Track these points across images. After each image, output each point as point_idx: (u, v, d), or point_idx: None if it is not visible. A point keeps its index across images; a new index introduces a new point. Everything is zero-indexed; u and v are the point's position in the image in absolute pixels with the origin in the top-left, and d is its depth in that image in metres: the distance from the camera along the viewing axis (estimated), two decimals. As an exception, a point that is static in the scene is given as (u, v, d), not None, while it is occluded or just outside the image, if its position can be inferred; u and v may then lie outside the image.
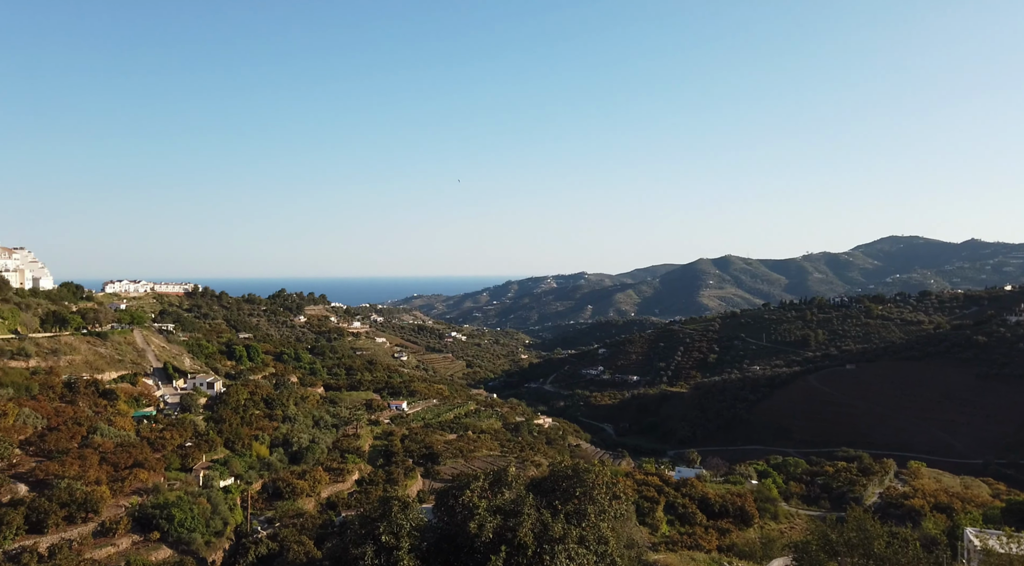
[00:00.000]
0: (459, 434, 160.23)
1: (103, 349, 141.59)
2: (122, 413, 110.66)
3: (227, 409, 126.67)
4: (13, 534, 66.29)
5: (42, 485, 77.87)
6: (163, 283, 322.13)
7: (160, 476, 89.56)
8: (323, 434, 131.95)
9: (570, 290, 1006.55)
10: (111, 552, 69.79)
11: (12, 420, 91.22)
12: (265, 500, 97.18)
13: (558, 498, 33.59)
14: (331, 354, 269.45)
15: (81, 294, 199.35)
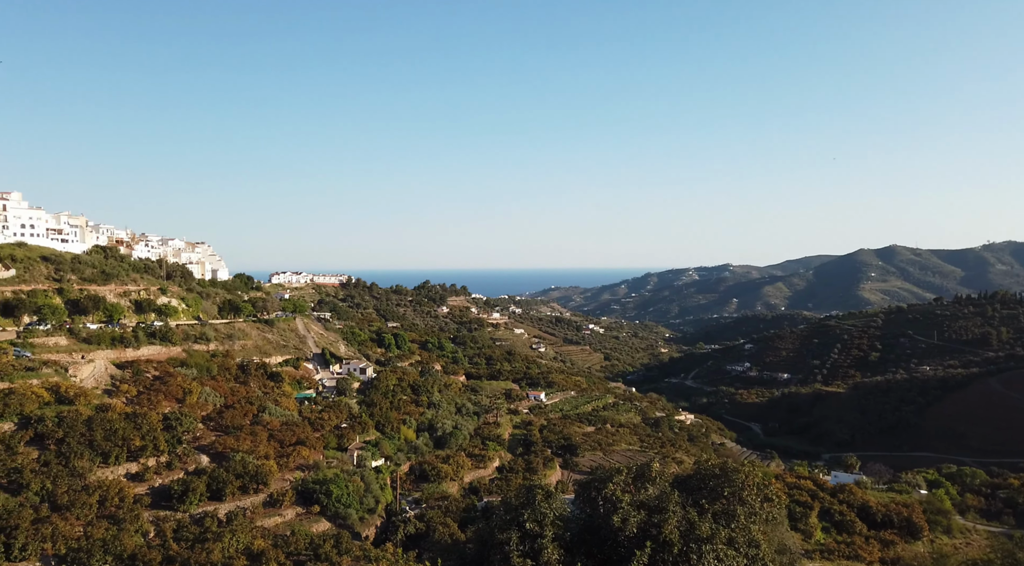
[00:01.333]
0: (597, 427, 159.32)
1: (270, 335, 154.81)
2: (287, 394, 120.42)
3: (378, 394, 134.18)
4: (197, 500, 74.10)
5: (220, 457, 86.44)
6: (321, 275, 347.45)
7: (319, 454, 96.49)
8: (465, 421, 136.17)
9: (713, 283, 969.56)
10: (278, 521, 76.10)
11: (196, 397, 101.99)
12: (412, 482, 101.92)
13: (704, 497, 32.13)
14: (472, 344, 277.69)
15: (251, 284, 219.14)
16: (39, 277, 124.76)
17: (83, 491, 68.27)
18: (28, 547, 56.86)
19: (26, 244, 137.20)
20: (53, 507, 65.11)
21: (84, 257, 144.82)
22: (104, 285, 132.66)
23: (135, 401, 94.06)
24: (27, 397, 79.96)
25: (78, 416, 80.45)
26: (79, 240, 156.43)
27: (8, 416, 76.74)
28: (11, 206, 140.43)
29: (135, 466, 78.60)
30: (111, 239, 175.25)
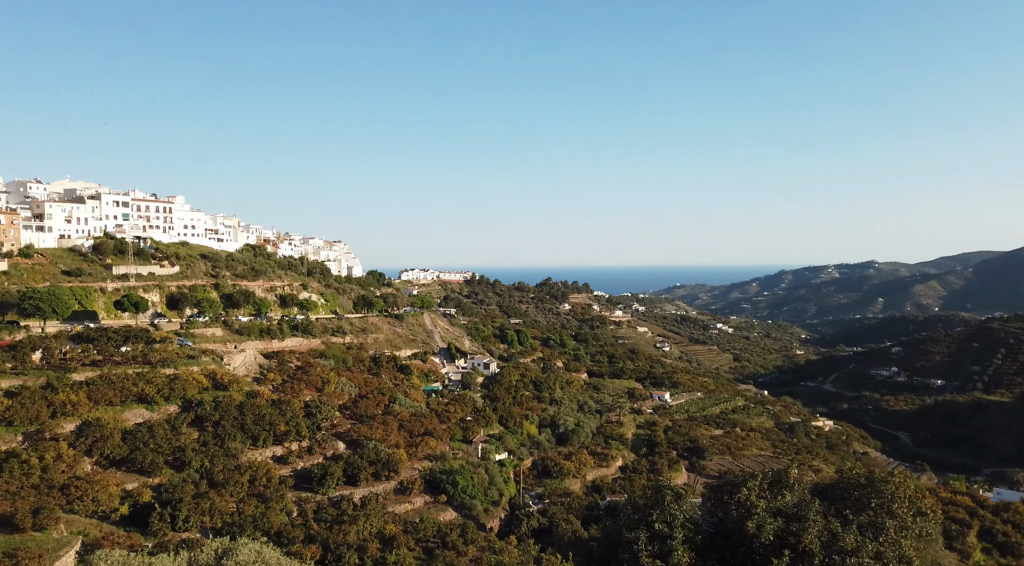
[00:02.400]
0: (726, 430, 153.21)
1: (400, 329, 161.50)
2: (415, 386, 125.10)
3: (501, 389, 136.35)
4: (335, 484, 78.52)
5: (355, 444, 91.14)
6: (446, 272, 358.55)
7: (446, 445, 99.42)
8: (587, 418, 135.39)
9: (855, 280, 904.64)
10: (408, 508, 79.13)
11: (334, 387, 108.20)
12: (535, 477, 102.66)
13: (848, 507, 29.85)
14: (594, 341, 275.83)
15: (383, 281, 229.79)
16: (199, 273, 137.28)
17: (236, 471, 74.25)
18: (190, 519, 62.54)
19: (188, 243, 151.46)
20: (211, 484, 71.27)
21: (236, 255, 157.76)
22: (253, 281, 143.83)
23: (280, 389, 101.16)
24: (189, 382, 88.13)
25: (231, 401, 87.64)
26: (232, 239, 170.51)
27: (173, 399, 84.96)
28: (176, 209, 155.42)
29: (280, 449, 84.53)
30: (259, 238, 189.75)
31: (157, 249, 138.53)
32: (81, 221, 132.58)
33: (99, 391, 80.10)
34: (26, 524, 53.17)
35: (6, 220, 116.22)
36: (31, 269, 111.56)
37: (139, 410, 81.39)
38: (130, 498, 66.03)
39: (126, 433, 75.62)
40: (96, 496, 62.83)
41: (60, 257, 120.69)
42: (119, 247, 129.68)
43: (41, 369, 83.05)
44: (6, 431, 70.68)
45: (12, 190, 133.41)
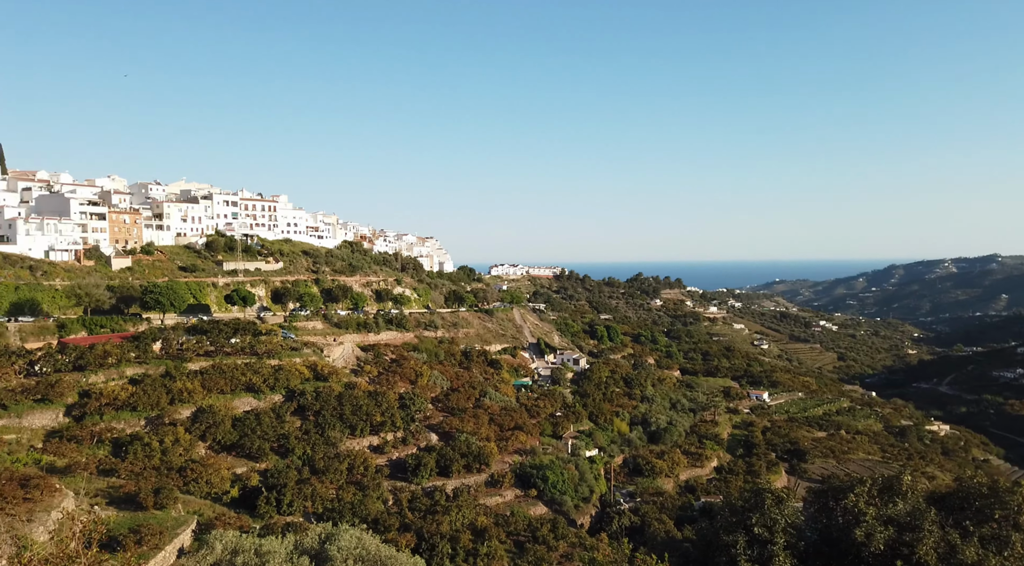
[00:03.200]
0: (829, 432, 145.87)
1: (490, 324, 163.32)
2: (505, 381, 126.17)
3: (591, 385, 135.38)
4: (428, 474, 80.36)
5: (447, 436, 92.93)
6: (535, 267, 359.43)
7: (536, 440, 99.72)
8: (680, 417, 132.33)
9: (976, 276, 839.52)
10: (499, 501, 79.93)
11: (426, 380, 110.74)
12: (626, 475, 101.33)
13: (968, 518, 27.67)
14: (687, 338, 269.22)
15: (473, 276, 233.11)
16: (301, 269, 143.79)
17: (335, 459, 77.31)
18: (294, 504, 65.61)
19: (291, 240, 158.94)
20: (312, 470, 74.53)
21: (335, 251, 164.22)
22: (351, 276, 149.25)
23: (376, 381, 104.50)
24: (292, 373, 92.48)
25: (331, 392, 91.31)
26: (331, 236, 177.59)
27: (278, 389, 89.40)
28: (279, 207, 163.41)
29: (376, 439, 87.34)
30: (356, 235, 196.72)
31: (263, 246, 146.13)
32: (195, 220, 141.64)
33: (211, 380, 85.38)
34: (148, 503, 57.34)
35: (130, 220, 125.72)
36: (152, 265, 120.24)
37: (247, 399, 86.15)
38: (239, 482, 70.02)
39: (236, 420, 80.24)
40: (209, 479, 66.98)
41: (177, 254, 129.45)
42: (229, 244, 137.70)
43: (161, 359, 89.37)
44: (131, 415, 76.54)
45: (135, 192, 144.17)
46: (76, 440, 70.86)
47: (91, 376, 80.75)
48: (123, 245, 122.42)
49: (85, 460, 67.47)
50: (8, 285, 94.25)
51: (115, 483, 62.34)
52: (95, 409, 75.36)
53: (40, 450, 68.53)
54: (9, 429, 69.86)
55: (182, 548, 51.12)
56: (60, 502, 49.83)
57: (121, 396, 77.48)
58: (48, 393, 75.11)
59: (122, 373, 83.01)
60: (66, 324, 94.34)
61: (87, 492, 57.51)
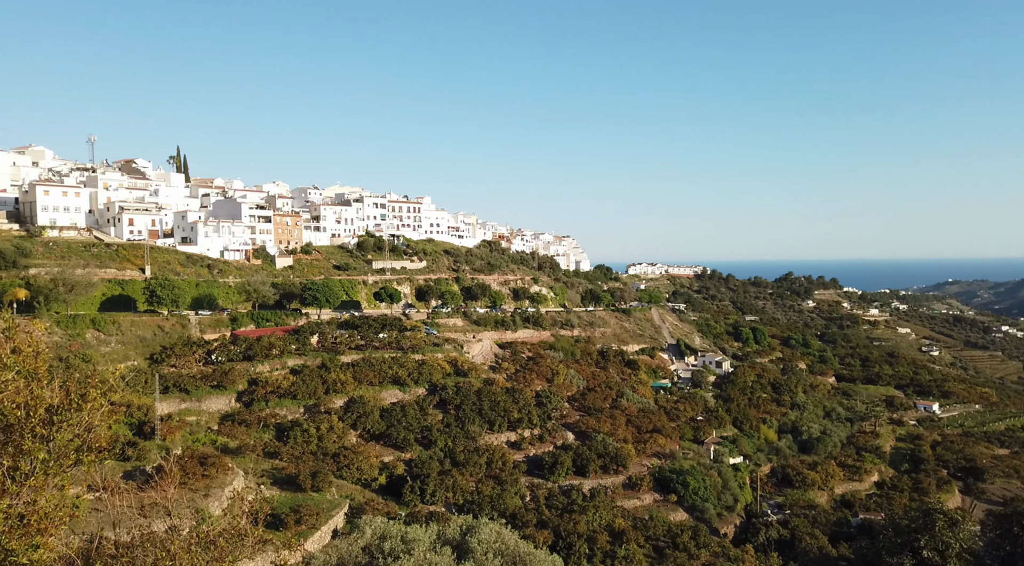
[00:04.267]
0: (1013, 450, 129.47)
1: (627, 324, 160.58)
2: (643, 382, 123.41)
3: (735, 389, 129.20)
4: (564, 473, 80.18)
5: (583, 436, 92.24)
6: (675, 266, 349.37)
7: (675, 444, 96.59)
8: (835, 427, 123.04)
9: None
10: (636, 504, 78.16)
11: (563, 378, 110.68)
12: (774, 485, 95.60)
13: None
14: (843, 342, 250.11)
15: (610, 275, 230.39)
16: (442, 267, 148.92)
17: (475, 452, 79.09)
18: (436, 494, 67.80)
19: (433, 240, 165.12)
20: (453, 463, 76.72)
21: (475, 250, 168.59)
22: (489, 275, 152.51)
23: (513, 378, 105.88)
24: (434, 368, 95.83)
25: (471, 387, 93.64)
26: (471, 236, 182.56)
27: (421, 382, 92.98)
28: (423, 209, 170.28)
29: (513, 435, 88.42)
30: (495, 234, 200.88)
31: (408, 245, 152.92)
32: (347, 221, 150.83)
33: (362, 372, 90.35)
34: (306, 485, 61.52)
35: (291, 222, 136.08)
36: (310, 264, 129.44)
37: (393, 391, 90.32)
38: (387, 469, 73.46)
39: (383, 411, 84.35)
40: (360, 465, 70.81)
41: (331, 253, 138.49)
42: (377, 244, 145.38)
43: (317, 351, 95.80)
44: (292, 403, 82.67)
45: (296, 196, 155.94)
46: (245, 424, 77.56)
47: (258, 365, 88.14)
48: (285, 245, 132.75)
49: (253, 442, 73.71)
50: (191, 282, 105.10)
51: (278, 465, 67.51)
52: (261, 396, 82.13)
53: (215, 432, 75.77)
54: (191, 412, 77.79)
55: (336, 529, 54.29)
56: (232, 480, 54.57)
57: (284, 385, 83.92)
58: (222, 380, 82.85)
59: (284, 364, 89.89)
60: (237, 317, 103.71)
61: (254, 472, 62.66)
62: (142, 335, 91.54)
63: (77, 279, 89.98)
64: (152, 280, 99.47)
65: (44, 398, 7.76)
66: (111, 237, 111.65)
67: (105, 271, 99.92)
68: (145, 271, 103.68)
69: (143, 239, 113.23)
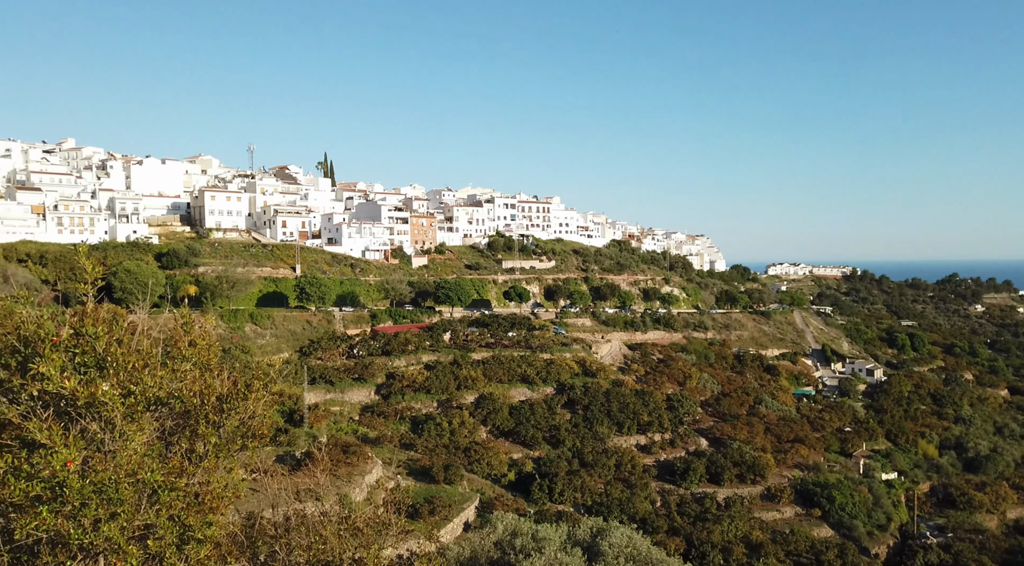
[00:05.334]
0: None
1: (766, 327, 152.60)
2: (783, 389, 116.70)
3: (888, 399, 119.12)
4: (697, 480, 77.41)
5: (717, 443, 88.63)
6: (821, 266, 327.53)
7: (820, 455, 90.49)
8: (1008, 444, 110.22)
9: None
10: (776, 517, 73.98)
11: (695, 382, 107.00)
12: (933, 505, 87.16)
13: None
14: (1018, 351, 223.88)
15: (747, 276, 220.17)
16: (571, 267, 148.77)
17: (603, 454, 78.25)
18: (564, 493, 67.71)
19: (562, 240, 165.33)
20: (581, 463, 76.28)
21: (604, 250, 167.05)
22: (618, 275, 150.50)
23: (643, 380, 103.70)
24: (562, 368, 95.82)
25: (599, 388, 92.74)
26: (600, 235, 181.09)
27: (549, 381, 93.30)
28: (552, 209, 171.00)
29: (643, 439, 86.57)
30: (624, 234, 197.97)
31: (537, 245, 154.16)
32: (479, 222, 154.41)
33: (491, 369, 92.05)
34: (439, 477, 63.47)
35: (426, 223, 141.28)
36: (443, 263, 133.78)
37: (522, 389, 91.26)
38: (515, 466, 74.36)
39: (512, 408, 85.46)
40: (490, 461, 72.14)
41: (463, 253, 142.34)
42: (507, 244, 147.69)
43: (450, 348, 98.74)
44: (426, 397, 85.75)
45: (431, 197, 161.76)
46: (383, 415, 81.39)
47: (395, 360, 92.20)
48: (421, 245, 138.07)
49: (390, 433, 77.21)
50: (336, 280, 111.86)
51: (413, 456, 70.22)
52: (398, 389, 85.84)
53: (356, 422, 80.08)
54: (335, 402, 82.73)
55: (467, 522, 55.57)
56: (371, 468, 57.34)
57: (418, 379, 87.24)
58: (363, 373, 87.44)
59: (419, 359, 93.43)
60: (376, 314, 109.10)
61: (391, 462, 65.57)
62: (292, 329, 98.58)
63: (238, 277, 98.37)
64: (301, 278, 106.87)
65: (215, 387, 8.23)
66: (266, 238, 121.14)
67: (261, 269, 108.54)
68: (295, 270, 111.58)
69: (294, 240, 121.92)
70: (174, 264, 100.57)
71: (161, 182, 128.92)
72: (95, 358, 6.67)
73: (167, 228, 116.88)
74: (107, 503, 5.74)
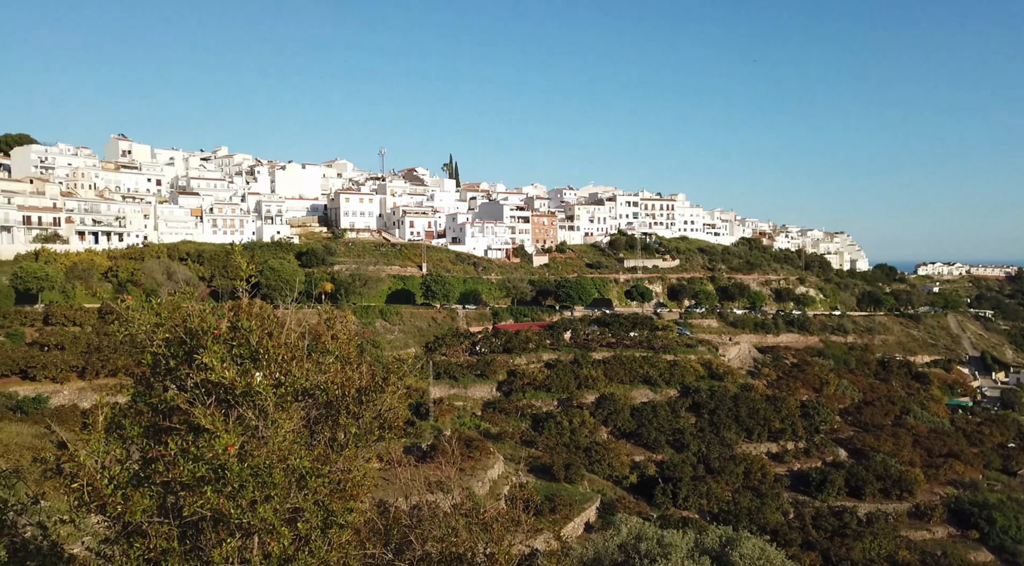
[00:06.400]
0: None
1: (915, 331, 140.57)
2: (935, 399, 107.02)
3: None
4: (835, 492, 72.55)
5: (858, 454, 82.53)
6: (980, 266, 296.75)
7: (978, 472, 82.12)
8: None
9: None
10: (926, 537, 67.89)
11: (833, 389, 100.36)
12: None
13: None
14: None
15: (893, 276, 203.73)
16: (696, 266, 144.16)
17: (731, 460, 75.13)
18: (689, 499, 65.69)
19: (687, 238, 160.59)
20: (707, 469, 73.66)
21: (732, 248, 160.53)
22: (748, 274, 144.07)
23: (774, 385, 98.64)
24: (687, 370, 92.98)
25: (726, 392, 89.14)
26: (728, 233, 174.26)
27: (673, 383, 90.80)
28: (676, 206, 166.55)
29: (774, 447, 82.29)
30: (755, 231, 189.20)
31: (660, 244, 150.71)
32: (600, 220, 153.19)
33: (612, 369, 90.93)
34: (560, 475, 63.50)
35: (548, 222, 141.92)
36: (563, 262, 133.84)
37: (644, 390, 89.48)
38: (637, 469, 73.00)
39: (633, 409, 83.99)
40: (611, 462, 71.32)
41: (584, 252, 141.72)
42: (629, 243, 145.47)
43: (570, 347, 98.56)
44: (546, 396, 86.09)
45: (552, 196, 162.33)
46: (504, 412, 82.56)
47: (516, 358, 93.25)
48: (542, 244, 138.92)
49: (511, 430, 78.18)
50: (459, 278, 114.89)
51: (533, 453, 70.71)
52: (519, 387, 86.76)
53: (479, 417, 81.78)
54: (458, 397, 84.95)
55: (588, 522, 55.24)
56: (493, 463, 58.33)
57: (539, 378, 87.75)
58: (485, 370, 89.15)
59: (539, 357, 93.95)
60: (498, 312, 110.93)
61: (512, 458, 66.37)
62: (418, 325, 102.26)
63: (369, 275, 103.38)
64: (427, 276, 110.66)
65: (355, 380, 8.50)
66: (395, 237, 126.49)
67: (390, 268, 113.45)
68: (422, 268, 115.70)
69: (420, 239, 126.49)
70: (312, 262, 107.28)
71: (301, 185, 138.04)
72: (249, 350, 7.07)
73: (306, 228, 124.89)
74: (262, 486, 6.08)
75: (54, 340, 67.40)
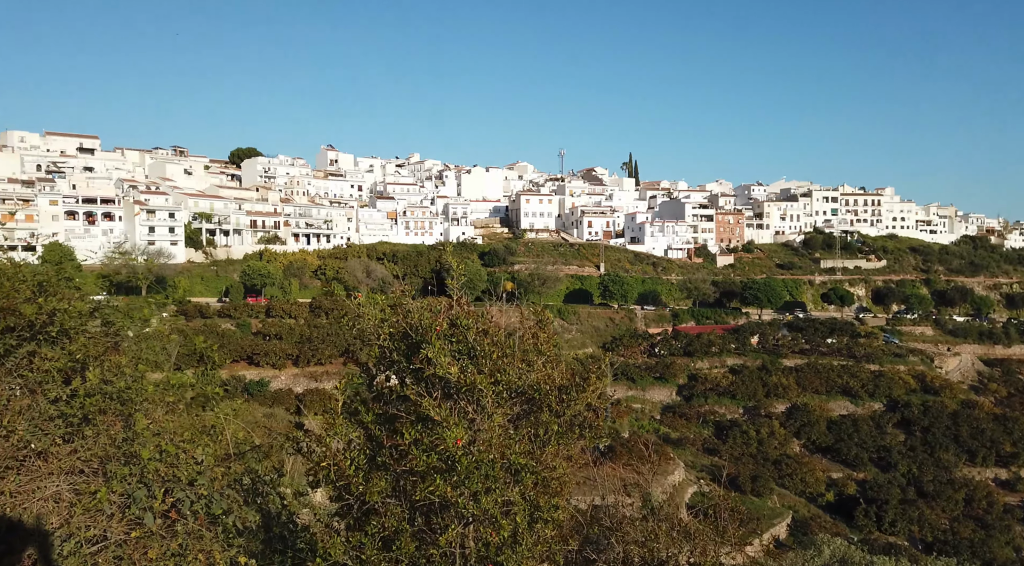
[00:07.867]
0: None
1: None
2: None
3: None
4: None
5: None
6: None
7: None
8: None
9: None
10: None
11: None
12: None
13: None
14: None
15: None
16: (907, 267, 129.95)
17: (948, 485, 66.82)
18: (897, 524, 59.43)
19: (896, 236, 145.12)
20: (918, 492, 66.08)
21: (951, 247, 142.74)
22: (971, 276, 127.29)
23: (1004, 403, 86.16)
24: (895, 381, 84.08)
25: (943, 408, 79.37)
26: (947, 231, 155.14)
27: (878, 396, 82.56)
28: (884, 201, 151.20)
29: (1004, 472, 71.99)
30: (980, 228, 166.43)
31: (863, 242, 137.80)
32: (792, 218, 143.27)
33: (806, 378, 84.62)
34: (746, 487, 60.28)
35: (733, 220, 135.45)
36: (751, 262, 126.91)
37: (843, 402, 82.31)
38: (834, 487, 67.33)
39: (830, 422, 77.55)
40: (804, 477, 66.45)
41: (774, 251, 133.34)
42: (827, 241, 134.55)
43: (757, 352, 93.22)
44: (730, 402, 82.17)
45: (738, 193, 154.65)
46: (684, 417, 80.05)
47: (697, 361, 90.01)
48: (726, 243, 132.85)
49: (692, 436, 75.63)
50: (637, 278, 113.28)
51: (717, 462, 67.75)
52: (700, 392, 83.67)
53: (658, 421, 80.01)
54: (636, 400, 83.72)
55: (778, 539, 51.86)
56: (673, 470, 56.73)
57: (722, 383, 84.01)
58: (664, 373, 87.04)
59: (723, 362, 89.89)
60: (678, 313, 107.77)
61: (693, 466, 64.12)
62: (596, 325, 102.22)
63: (548, 274, 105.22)
64: (605, 276, 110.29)
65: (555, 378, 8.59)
66: (573, 238, 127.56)
67: (568, 267, 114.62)
68: (599, 268, 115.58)
69: (598, 239, 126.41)
70: (493, 262, 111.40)
71: (485, 188, 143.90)
72: (467, 347, 7.38)
73: (488, 229, 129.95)
74: (484, 479, 6.33)
75: (274, 330, 76.29)
